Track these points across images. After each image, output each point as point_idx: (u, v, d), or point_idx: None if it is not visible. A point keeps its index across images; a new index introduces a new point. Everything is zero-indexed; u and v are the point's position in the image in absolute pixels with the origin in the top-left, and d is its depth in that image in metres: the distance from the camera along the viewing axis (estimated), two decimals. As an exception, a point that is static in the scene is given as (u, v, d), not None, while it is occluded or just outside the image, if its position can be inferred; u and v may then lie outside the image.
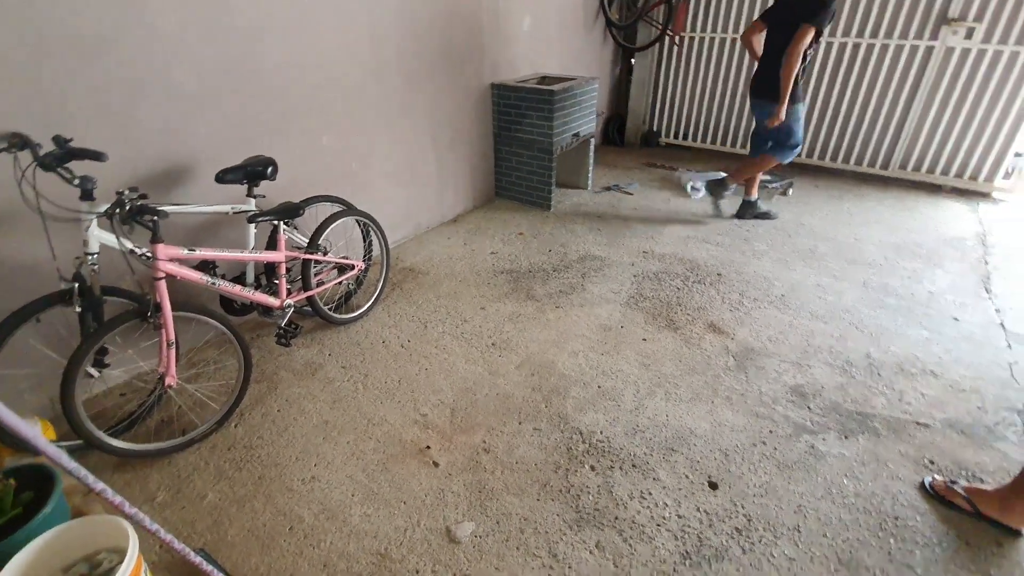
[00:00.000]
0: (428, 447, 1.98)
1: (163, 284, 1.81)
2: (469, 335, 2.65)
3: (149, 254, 1.80)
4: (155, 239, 1.78)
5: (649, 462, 1.90)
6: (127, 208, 1.67)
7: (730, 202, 4.08)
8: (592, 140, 4.37)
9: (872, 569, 1.52)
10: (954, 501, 1.69)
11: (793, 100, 3.33)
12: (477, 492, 1.79)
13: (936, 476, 1.79)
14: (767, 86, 3.38)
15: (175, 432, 2.04)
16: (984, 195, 4.38)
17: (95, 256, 1.80)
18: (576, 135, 4.09)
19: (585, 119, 4.16)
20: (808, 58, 3.28)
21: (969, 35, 4.04)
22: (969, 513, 1.66)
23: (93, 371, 1.88)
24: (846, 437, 1.99)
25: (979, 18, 3.97)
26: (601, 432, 2.03)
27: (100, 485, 1.03)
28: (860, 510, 1.70)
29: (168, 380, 1.92)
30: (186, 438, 2.00)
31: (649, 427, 2.06)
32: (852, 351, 2.48)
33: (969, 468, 1.86)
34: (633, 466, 1.88)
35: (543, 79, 4.18)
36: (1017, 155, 4.29)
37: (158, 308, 1.81)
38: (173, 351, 1.90)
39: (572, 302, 2.90)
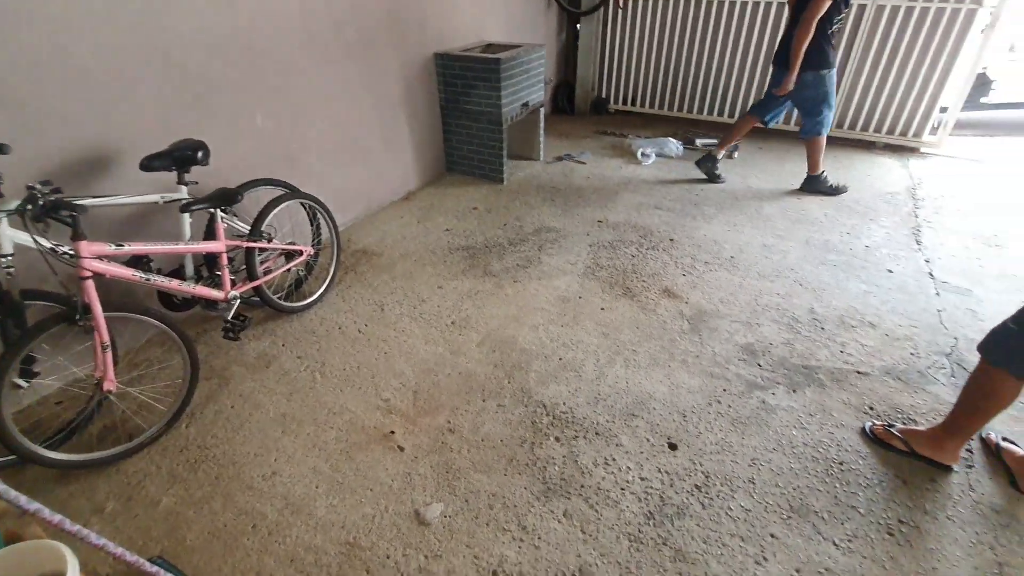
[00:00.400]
0: (392, 432, 1.96)
1: (90, 284, 1.68)
2: (428, 315, 2.61)
3: (71, 252, 1.66)
4: (76, 236, 1.64)
5: (611, 429, 1.94)
6: (40, 204, 1.53)
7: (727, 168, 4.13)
8: (542, 109, 4.31)
9: (820, 512, 1.63)
10: (892, 443, 1.82)
11: (824, 66, 3.33)
12: (444, 473, 1.79)
13: (875, 421, 1.92)
14: (783, 54, 3.39)
15: (121, 438, 1.93)
16: (913, 150, 4.61)
17: (9, 258, 1.65)
18: (525, 104, 4.02)
19: (534, 88, 4.09)
20: (836, 24, 3.26)
21: (898, -7, 4.17)
22: (906, 453, 1.79)
23: (21, 382, 1.74)
24: (794, 391, 2.09)
25: (907, -23, 4.09)
26: (564, 403, 2.06)
27: (35, 505, 0.96)
28: (808, 458, 1.81)
29: (107, 385, 1.80)
30: (133, 443, 1.90)
31: (610, 395, 2.10)
32: (797, 308, 2.59)
33: (905, 411, 1.99)
34: (596, 434, 1.92)
35: (488, 47, 4.06)
36: (942, 110, 4.51)
37: (87, 310, 1.69)
38: (109, 354, 1.78)
39: (530, 275, 2.90)
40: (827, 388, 2.10)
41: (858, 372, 2.18)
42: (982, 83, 6.21)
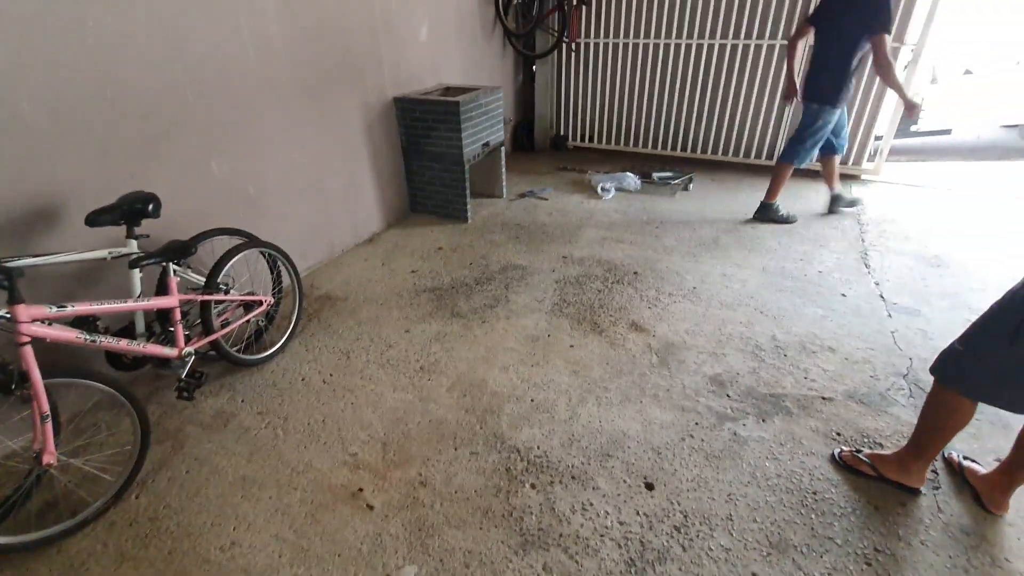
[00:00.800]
0: (360, 489, 1.87)
1: (29, 350, 1.56)
2: (395, 361, 2.55)
3: (7, 316, 1.56)
4: (13, 299, 1.54)
5: (587, 471, 1.91)
6: (-29, 269, 1.43)
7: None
8: (502, 148, 4.38)
9: (799, 547, 1.62)
10: (860, 469, 1.84)
11: (834, 103, 3.46)
12: (417, 531, 1.72)
13: (843, 447, 1.95)
14: (818, 89, 3.50)
15: (63, 515, 1.78)
16: (855, 177, 4.88)
17: (-63, 325, 1.53)
18: (486, 144, 4.09)
19: (493, 128, 4.17)
20: (858, 61, 3.39)
21: (829, 35, 4.48)
22: (874, 478, 1.82)
23: (-51, 459, 1.60)
24: (763, 420, 2.11)
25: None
26: (538, 447, 2.02)
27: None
28: (783, 490, 1.81)
29: (46, 458, 1.66)
30: (76, 520, 1.75)
31: (584, 435, 2.07)
32: (760, 335, 2.65)
33: (870, 435, 2.04)
34: (572, 478, 1.89)
35: (447, 90, 4.13)
36: (877, 138, 4.81)
37: (25, 378, 1.57)
38: (49, 425, 1.65)
39: (498, 315, 2.88)
40: (795, 416, 2.13)
41: (823, 398, 2.23)
42: (910, 113, 6.69)
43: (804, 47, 3.76)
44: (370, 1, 3.42)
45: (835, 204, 4.09)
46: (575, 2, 5.15)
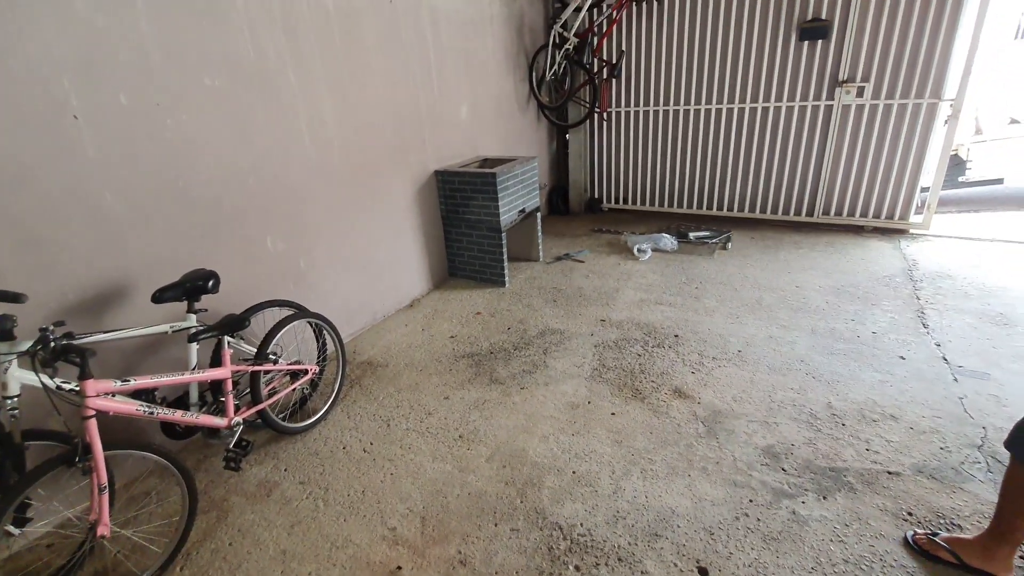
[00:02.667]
0: (399, 568, 1.82)
1: (93, 423, 1.65)
2: (435, 429, 2.54)
3: (76, 389, 1.66)
4: (84, 376, 1.64)
5: (635, 553, 1.81)
6: (51, 347, 1.55)
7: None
8: (538, 212, 4.50)
9: (875, 646, 1.46)
10: (939, 555, 1.68)
11: None
12: (457, 615, 1.65)
13: (917, 530, 1.79)
14: None
15: (110, 588, 1.80)
16: (902, 232, 4.74)
17: (15, 399, 1.64)
18: (522, 211, 4.21)
19: (529, 195, 4.31)
20: None
21: (860, 93, 4.51)
22: (956, 566, 1.65)
23: (13, 529, 1.67)
24: (824, 497, 1.97)
25: (866, 79, 4.45)
26: (581, 524, 1.94)
27: None
28: (852, 578, 1.66)
29: (101, 530, 1.70)
30: (123, 594, 1.77)
31: (630, 511, 1.98)
32: (813, 402, 2.52)
33: (946, 515, 1.86)
34: (619, 559, 1.79)
35: (484, 161, 4.33)
36: (923, 190, 4.70)
37: (87, 450, 1.65)
38: (106, 496, 1.70)
39: (536, 381, 2.86)
40: (859, 493, 1.98)
41: (888, 472, 2.07)
42: (957, 164, 6.54)
43: None
44: (416, 91, 3.71)
45: None
46: (605, 77, 5.40)
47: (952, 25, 4.05)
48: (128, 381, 1.79)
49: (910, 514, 1.88)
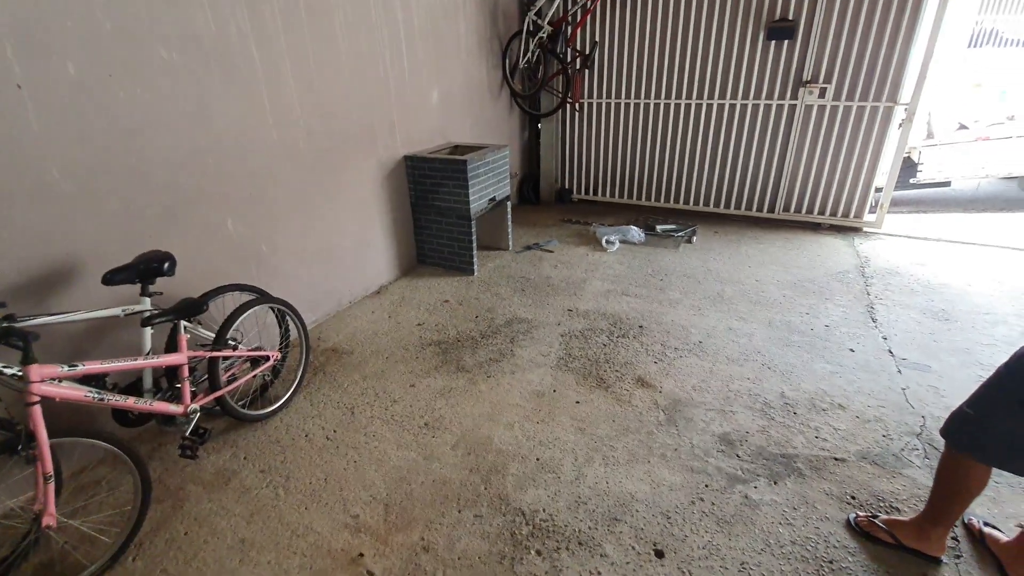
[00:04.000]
0: (361, 554, 1.82)
1: (37, 410, 1.58)
2: (400, 417, 2.53)
3: (19, 374, 1.58)
4: (27, 360, 1.57)
5: (595, 536, 1.85)
6: (-10, 330, 1.47)
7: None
8: (508, 202, 4.50)
9: (817, 621, 1.55)
10: (878, 536, 1.78)
11: None
12: (418, 600, 1.66)
13: (859, 512, 1.89)
14: None
15: (57, 579, 1.74)
16: (856, 230, 4.94)
17: (-50, 385, 1.55)
18: (492, 199, 4.20)
19: (500, 184, 4.29)
20: None
21: (822, 94, 4.66)
22: (893, 545, 1.75)
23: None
24: (775, 482, 2.06)
25: (828, 80, 4.59)
26: (544, 510, 1.97)
27: None
28: (798, 558, 1.75)
29: (46, 520, 1.64)
30: (70, 585, 1.72)
31: (591, 497, 2.02)
32: (768, 392, 2.62)
33: (886, 499, 1.98)
34: (579, 543, 1.83)
35: (455, 148, 4.29)
36: (877, 191, 4.90)
37: (31, 438, 1.58)
38: (52, 486, 1.64)
39: (503, 369, 2.87)
40: (807, 478, 2.08)
41: (835, 459, 2.18)
42: (909, 166, 6.83)
43: None
44: (385, 75, 3.62)
45: None
46: (578, 67, 5.40)
47: (910, 32, 4.21)
48: (76, 366, 1.72)
49: (853, 498, 1.98)
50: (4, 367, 1.57)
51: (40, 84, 1.92)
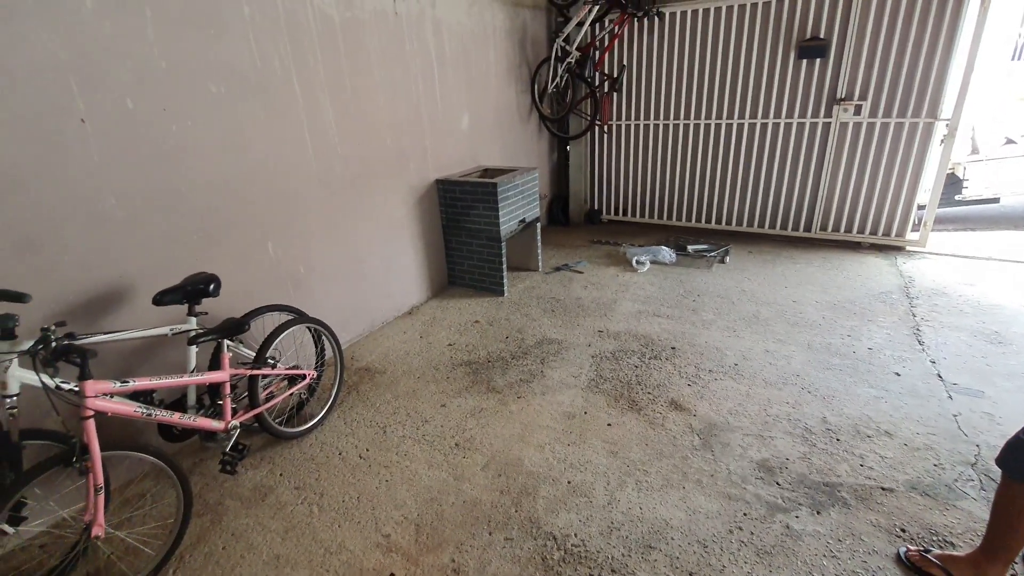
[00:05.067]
0: (392, 574, 1.82)
1: (91, 423, 1.66)
2: (431, 436, 2.55)
3: (76, 389, 1.67)
4: (83, 376, 1.65)
5: (628, 564, 1.81)
6: (52, 347, 1.57)
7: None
8: (538, 223, 4.53)
9: (867, 661, 1.47)
10: (931, 572, 1.68)
11: None
12: (449, 623, 1.65)
13: (910, 546, 1.79)
14: None
15: (102, 590, 1.80)
16: (899, 249, 4.77)
17: (14, 398, 1.65)
18: (522, 221, 4.24)
19: (529, 205, 4.34)
20: None
21: (858, 111, 4.57)
22: (947, 583, 1.65)
23: (7, 528, 1.67)
24: (818, 512, 1.98)
25: (864, 97, 4.51)
26: (575, 535, 1.94)
27: None
28: (844, 593, 1.67)
29: (95, 530, 1.71)
30: (114, 597, 1.77)
31: (624, 523, 1.98)
32: (809, 417, 2.53)
33: (939, 532, 1.87)
34: (612, 571, 1.79)
35: (485, 171, 4.37)
36: (919, 208, 4.74)
37: (85, 450, 1.66)
38: (102, 497, 1.71)
39: (533, 390, 2.87)
40: (852, 508, 1.99)
41: (882, 488, 2.07)
42: (953, 182, 6.60)
43: None
44: (418, 101, 3.75)
45: None
46: (606, 90, 5.46)
47: (948, 45, 4.11)
48: (127, 382, 1.80)
49: (903, 530, 1.88)
50: (63, 382, 1.66)
51: (101, 118, 2.07)
